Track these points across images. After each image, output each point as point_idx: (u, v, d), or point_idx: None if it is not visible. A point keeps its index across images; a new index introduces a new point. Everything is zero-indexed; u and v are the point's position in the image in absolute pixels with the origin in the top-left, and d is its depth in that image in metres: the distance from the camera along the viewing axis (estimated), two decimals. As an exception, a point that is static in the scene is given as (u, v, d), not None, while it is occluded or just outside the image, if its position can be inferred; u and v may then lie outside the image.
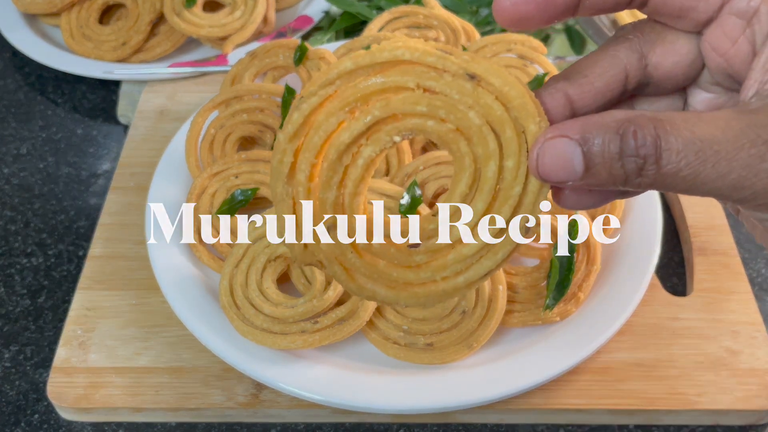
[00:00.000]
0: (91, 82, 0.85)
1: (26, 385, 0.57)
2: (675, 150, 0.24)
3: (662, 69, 0.29)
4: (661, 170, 0.24)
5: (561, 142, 0.26)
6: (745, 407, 0.53)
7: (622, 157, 0.25)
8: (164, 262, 0.58)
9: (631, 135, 0.24)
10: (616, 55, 0.29)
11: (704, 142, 0.24)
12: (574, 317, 0.54)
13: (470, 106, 0.29)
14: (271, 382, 0.51)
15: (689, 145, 0.24)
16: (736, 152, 0.24)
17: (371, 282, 0.33)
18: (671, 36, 0.29)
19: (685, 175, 0.24)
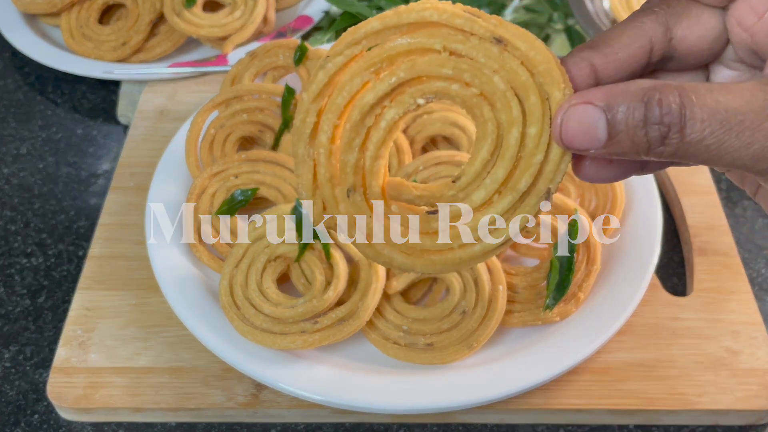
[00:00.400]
0: (91, 82, 0.85)
1: (26, 385, 0.57)
2: (699, 119, 0.24)
3: (687, 43, 0.29)
4: (685, 139, 0.24)
5: (585, 109, 0.26)
6: (745, 407, 0.53)
7: (647, 124, 0.25)
8: (164, 262, 0.58)
9: (656, 103, 0.24)
10: (642, 27, 0.29)
11: (729, 111, 0.24)
12: (574, 317, 0.54)
13: (495, 70, 0.29)
14: (271, 382, 0.51)
15: (714, 114, 0.24)
16: (760, 122, 0.24)
17: (388, 248, 0.32)
18: (697, 10, 0.29)
19: (708, 144, 0.24)
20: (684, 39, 0.29)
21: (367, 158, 0.32)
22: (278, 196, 0.61)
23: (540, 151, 0.29)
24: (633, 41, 0.29)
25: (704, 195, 0.67)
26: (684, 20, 0.29)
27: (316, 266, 0.54)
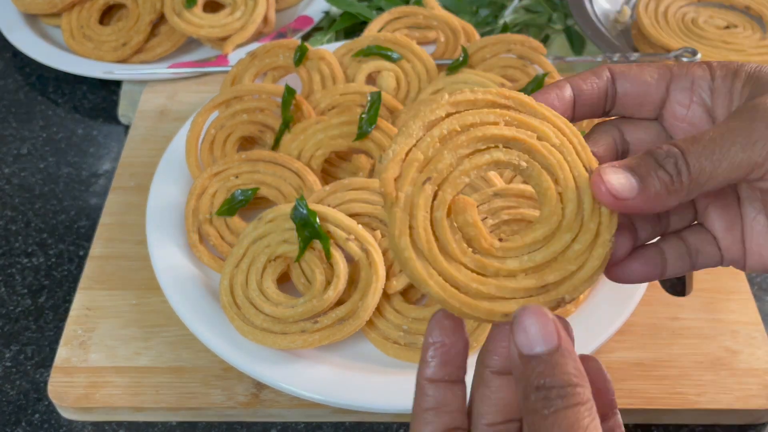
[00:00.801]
0: (92, 82, 0.85)
1: (27, 385, 0.57)
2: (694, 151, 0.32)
3: (640, 143, 0.38)
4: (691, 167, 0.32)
5: (617, 170, 0.33)
6: (744, 407, 0.53)
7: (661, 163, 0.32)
8: (165, 262, 0.58)
9: (660, 150, 0.33)
10: (607, 131, 0.38)
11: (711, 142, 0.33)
12: (573, 317, 0.54)
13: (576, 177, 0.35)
14: (272, 382, 0.51)
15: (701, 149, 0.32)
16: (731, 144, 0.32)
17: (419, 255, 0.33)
18: (638, 123, 0.39)
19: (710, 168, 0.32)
20: (637, 141, 0.38)
21: (457, 170, 0.34)
22: (278, 196, 0.61)
23: (577, 263, 0.34)
24: (604, 140, 0.38)
25: (704, 195, 0.67)
26: (632, 127, 0.39)
27: (317, 266, 0.55)
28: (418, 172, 0.33)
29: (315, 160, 0.63)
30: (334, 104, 0.68)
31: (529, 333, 0.30)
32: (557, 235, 0.34)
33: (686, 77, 0.36)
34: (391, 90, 0.70)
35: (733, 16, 0.82)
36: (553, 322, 0.31)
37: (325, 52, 0.71)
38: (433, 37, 0.77)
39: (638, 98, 0.37)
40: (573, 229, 0.34)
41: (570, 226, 0.34)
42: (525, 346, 0.30)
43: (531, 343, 0.30)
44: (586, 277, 0.34)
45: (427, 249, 0.32)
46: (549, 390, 0.29)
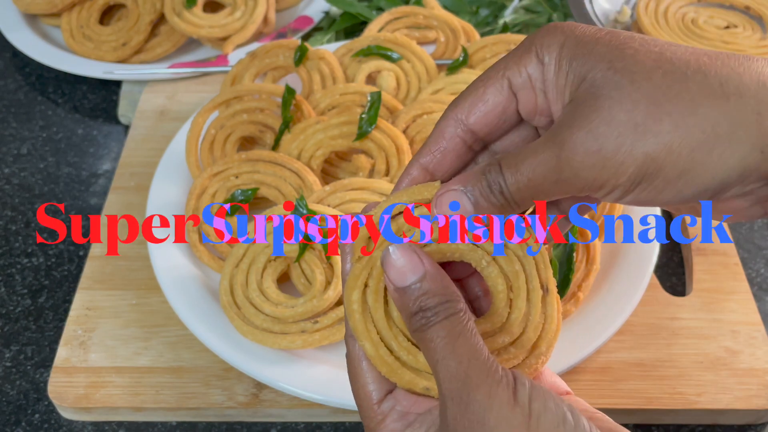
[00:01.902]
0: (92, 82, 0.85)
1: (27, 385, 0.57)
2: (512, 175, 0.33)
3: (481, 125, 0.36)
4: (510, 189, 0.33)
5: (452, 193, 0.34)
6: (744, 407, 0.53)
7: (491, 189, 0.33)
8: (165, 262, 0.58)
9: (489, 173, 0.33)
10: (444, 132, 0.36)
11: (527, 163, 0.32)
12: (573, 317, 0.54)
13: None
14: (272, 382, 0.51)
15: (520, 169, 0.32)
16: (541, 167, 0.32)
17: (364, 311, 0.36)
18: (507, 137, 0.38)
19: (525, 187, 0.32)
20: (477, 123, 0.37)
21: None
22: (278, 196, 0.61)
23: (508, 366, 0.36)
24: (443, 145, 0.36)
25: (704, 195, 0.67)
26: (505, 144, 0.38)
27: (317, 266, 0.55)
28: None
29: (315, 160, 0.63)
30: (334, 104, 0.68)
31: (398, 267, 0.33)
32: (496, 335, 0.36)
33: (521, 74, 0.34)
34: (391, 90, 0.70)
35: (733, 16, 0.82)
36: (417, 254, 0.34)
37: (325, 52, 0.71)
38: (433, 37, 0.77)
39: (497, 119, 0.36)
40: (512, 334, 0.36)
41: (510, 331, 0.36)
42: (397, 279, 0.33)
43: (402, 276, 0.33)
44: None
45: (374, 308, 0.35)
46: (424, 312, 0.33)
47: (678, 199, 0.31)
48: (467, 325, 0.33)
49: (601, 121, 0.30)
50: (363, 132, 0.62)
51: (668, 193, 0.31)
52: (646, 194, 0.31)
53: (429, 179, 0.36)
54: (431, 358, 0.32)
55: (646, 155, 0.30)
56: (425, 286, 0.33)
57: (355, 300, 0.35)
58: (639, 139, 0.30)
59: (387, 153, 0.62)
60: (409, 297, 0.33)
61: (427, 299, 0.33)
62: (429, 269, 0.34)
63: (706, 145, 0.29)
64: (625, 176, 0.30)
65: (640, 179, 0.30)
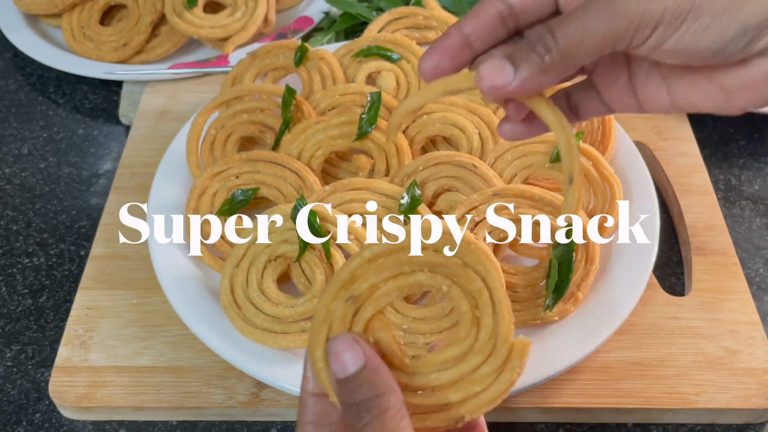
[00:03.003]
0: (93, 82, 0.85)
1: (28, 385, 0.57)
2: (562, 30, 0.33)
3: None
4: (559, 42, 0.33)
5: (493, 59, 0.34)
6: (743, 406, 0.53)
7: (534, 47, 0.33)
8: (165, 262, 0.58)
9: (532, 35, 0.34)
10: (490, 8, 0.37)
11: (578, 18, 0.33)
12: (573, 317, 0.55)
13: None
14: (272, 381, 0.52)
15: (571, 23, 0.33)
16: (595, 9, 0.33)
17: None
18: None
19: (576, 40, 0.33)
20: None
21: (380, 291, 0.37)
22: (279, 196, 0.62)
23: (482, 385, 0.36)
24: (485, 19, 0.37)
25: (702, 195, 0.67)
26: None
27: (317, 266, 0.55)
28: (343, 289, 0.36)
29: (315, 160, 0.63)
30: (334, 104, 0.68)
31: (341, 359, 0.34)
32: (468, 356, 0.36)
33: None
34: (391, 90, 0.70)
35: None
36: (360, 344, 0.35)
37: (325, 52, 0.71)
38: (433, 38, 0.77)
39: (537, 2, 0.37)
40: (484, 353, 0.36)
41: (481, 349, 0.36)
42: (339, 371, 0.34)
43: (343, 368, 0.34)
44: (490, 398, 0.36)
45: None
46: (358, 405, 0.33)
47: (720, 39, 0.33)
48: (402, 422, 0.33)
49: None
50: (363, 132, 0.62)
51: (712, 33, 0.33)
52: (690, 35, 0.33)
53: (465, 43, 0.37)
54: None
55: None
56: (363, 376, 0.34)
57: (320, 357, 0.36)
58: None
59: (387, 153, 0.63)
60: (346, 389, 0.34)
61: (361, 392, 0.34)
62: (370, 362, 0.34)
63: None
64: (674, 6, 0.32)
65: (687, 11, 0.32)
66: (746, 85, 0.35)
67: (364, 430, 0.33)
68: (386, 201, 0.58)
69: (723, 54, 0.33)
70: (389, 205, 0.58)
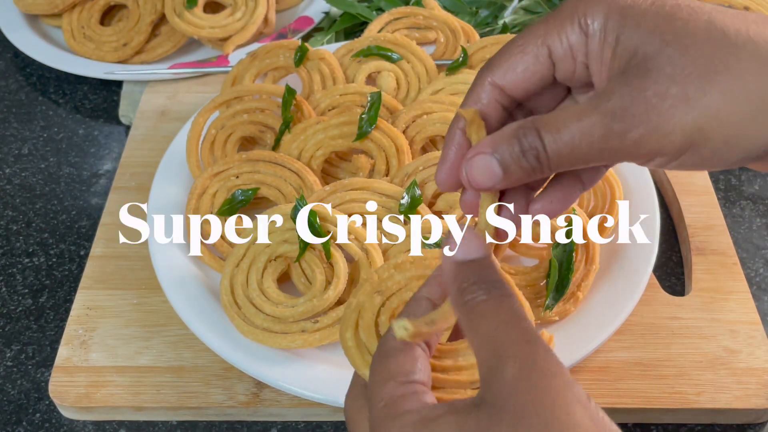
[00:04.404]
0: (93, 82, 0.85)
1: (28, 385, 0.58)
2: (552, 139, 0.32)
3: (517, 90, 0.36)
4: (549, 153, 0.32)
5: (480, 158, 0.33)
6: (743, 406, 0.53)
7: (524, 153, 0.33)
8: (165, 262, 0.58)
9: (524, 136, 0.33)
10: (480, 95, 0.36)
11: (570, 129, 0.32)
12: (572, 317, 0.55)
13: None
14: (272, 381, 0.52)
15: (562, 134, 0.32)
16: (588, 134, 0.32)
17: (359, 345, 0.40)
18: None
19: (567, 152, 0.32)
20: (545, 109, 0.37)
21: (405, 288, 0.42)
22: (279, 196, 0.62)
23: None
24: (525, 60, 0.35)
25: (702, 195, 0.67)
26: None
27: (317, 266, 0.55)
28: (372, 288, 0.41)
29: (315, 160, 0.63)
30: (334, 104, 0.68)
31: (464, 244, 0.34)
32: None
33: (562, 44, 0.34)
34: (391, 90, 0.70)
35: (732, 17, 0.82)
36: (481, 238, 0.35)
37: (325, 52, 0.71)
38: (433, 38, 0.77)
39: (533, 86, 0.36)
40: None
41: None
42: (462, 252, 0.34)
43: (466, 251, 0.34)
44: None
45: (369, 342, 0.40)
46: (485, 282, 0.33)
47: (721, 165, 0.32)
48: (524, 313, 0.32)
49: (654, 93, 0.31)
50: (363, 132, 0.62)
51: (713, 161, 0.32)
52: (691, 162, 0.32)
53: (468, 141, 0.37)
54: (485, 325, 0.32)
55: (695, 125, 0.31)
56: (487, 262, 0.34)
57: (349, 338, 0.40)
58: (689, 111, 0.31)
59: (387, 153, 0.63)
60: (469, 269, 0.34)
61: (488, 274, 0.33)
62: (490, 255, 0.35)
63: (753, 114, 0.31)
64: (672, 145, 0.31)
65: (686, 148, 0.31)
66: (760, 165, 0.35)
67: (491, 300, 0.32)
68: (386, 201, 0.58)
69: (727, 168, 0.33)
70: (389, 205, 0.58)
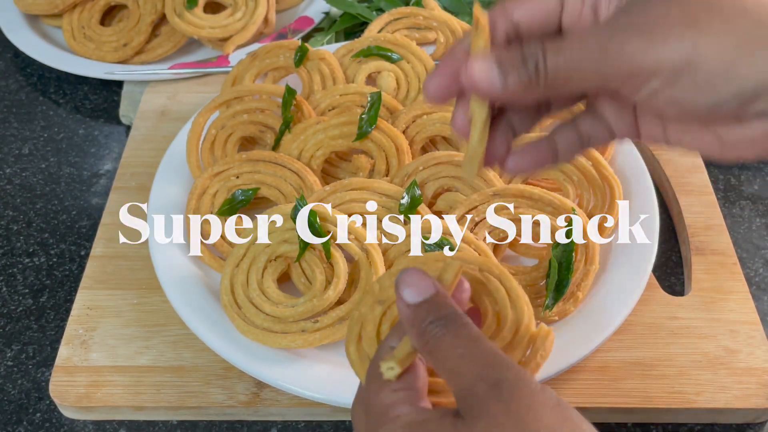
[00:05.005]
0: (93, 82, 0.85)
1: (28, 384, 0.58)
2: (554, 51, 0.33)
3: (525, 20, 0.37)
4: (548, 64, 0.33)
5: (482, 62, 0.34)
6: (742, 406, 0.53)
7: (524, 61, 0.33)
8: (166, 262, 0.59)
9: (527, 46, 0.33)
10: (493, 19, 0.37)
11: (572, 44, 0.33)
12: (572, 316, 0.55)
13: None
14: (272, 381, 0.52)
15: (563, 48, 0.33)
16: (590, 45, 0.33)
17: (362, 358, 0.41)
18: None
19: (565, 66, 0.33)
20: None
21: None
22: (279, 196, 0.62)
23: None
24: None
25: (702, 195, 0.67)
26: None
27: (317, 266, 0.55)
28: (374, 299, 0.41)
29: (315, 161, 0.63)
30: (334, 105, 0.68)
31: (414, 285, 0.36)
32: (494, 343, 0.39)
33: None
34: (391, 90, 0.70)
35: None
36: (428, 276, 0.37)
37: (325, 52, 0.71)
38: (433, 38, 0.77)
39: (540, 21, 0.37)
40: (506, 340, 0.40)
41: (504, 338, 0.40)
42: (412, 295, 0.36)
43: (416, 293, 0.36)
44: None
45: (372, 354, 0.40)
46: (441, 319, 0.35)
47: (714, 99, 0.32)
48: (480, 333, 0.35)
49: (656, 14, 0.32)
50: (363, 132, 0.62)
51: (706, 91, 0.32)
52: (685, 91, 0.32)
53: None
54: (450, 357, 0.34)
55: (695, 47, 0.31)
56: (438, 300, 0.36)
57: (353, 351, 0.41)
58: (691, 33, 0.31)
59: (387, 153, 0.63)
60: (423, 310, 0.36)
61: (442, 311, 0.36)
62: (440, 290, 0.37)
63: (751, 46, 0.31)
64: (670, 62, 0.31)
65: (682, 68, 0.32)
66: (740, 141, 0.34)
67: (450, 335, 0.35)
68: (386, 201, 0.58)
69: (716, 112, 0.33)
70: (389, 205, 0.58)
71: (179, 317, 0.56)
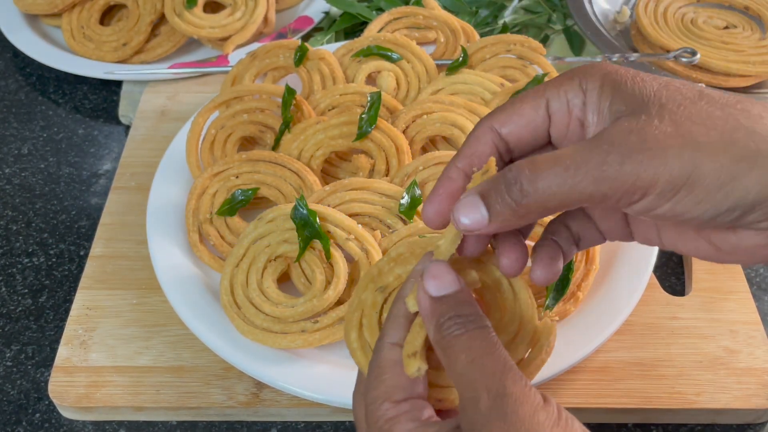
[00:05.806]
0: (93, 82, 0.85)
1: (27, 385, 0.58)
2: (537, 175, 0.32)
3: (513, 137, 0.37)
4: (536, 186, 0.32)
5: (467, 198, 0.34)
6: (743, 406, 0.53)
7: (508, 188, 0.33)
8: (165, 262, 0.58)
9: (509, 171, 0.33)
10: (480, 137, 0.37)
11: (562, 161, 0.32)
12: (572, 317, 0.55)
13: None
14: (272, 381, 0.52)
15: (551, 168, 0.32)
16: (583, 164, 0.32)
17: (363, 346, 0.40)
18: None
19: (556, 185, 0.32)
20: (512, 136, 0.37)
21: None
22: (279, 196, 0.62)
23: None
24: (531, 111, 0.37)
25: (703, 195, 0.67)
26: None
27: (317, 266, 0.55)
28: (372, 282, 0.41)
29: (315, 160, 0.63)
30: (334, 104, 0.68)
31: (441, 279, 0.36)
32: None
33: (560, 98, 0.36)
34: (391, 90, 0.70)
35: (732, 17, 0.83)
36: (455, 272, 0.36)
37: (325, 52, 0.71)
38: (433, 38, 0.77)
39: (529, 135, 0.37)
40: (509, 333, 0.39)
41: (506, 330, 0.39)
42: (435, 289, 0.36)
43: (440, 287, 0.36)
44: None
45: (373, 343, 0.39)
46: (460, 317, 0.35)
47: (712, 213, 0.32)
48: (497, 340, 0.35)
49: (651, 132, 0.32)
50: (363, 132, 0.62)
51: (705, 205, 0.32)
52: (683, 205, 0.32)
53: (466, 181, 0.37)
54: (461, 360, 0.34)
55: (694, 161, 0.31)
56: (461, 297, 0.36)
57: (354, 339, 0.40)
58: (689, 150, 0.31)
59: (387, 153, 0.63)
60: (444, 304, 0.35)
61: (463, 308, 0.35)
62: (464, 287, 0.36)
63: (750, 160, 0.31)
64: (668, 179, 0.31)
65: (682, 183, 0.31)
66: (736, 249, 0.35)
67: (467, 335, 0.34)
68: (386, 201, 0.58)
69: (712, 223, 0.33)
70: (389, 205, 0.58)
71: (179, 317, 0.56)
